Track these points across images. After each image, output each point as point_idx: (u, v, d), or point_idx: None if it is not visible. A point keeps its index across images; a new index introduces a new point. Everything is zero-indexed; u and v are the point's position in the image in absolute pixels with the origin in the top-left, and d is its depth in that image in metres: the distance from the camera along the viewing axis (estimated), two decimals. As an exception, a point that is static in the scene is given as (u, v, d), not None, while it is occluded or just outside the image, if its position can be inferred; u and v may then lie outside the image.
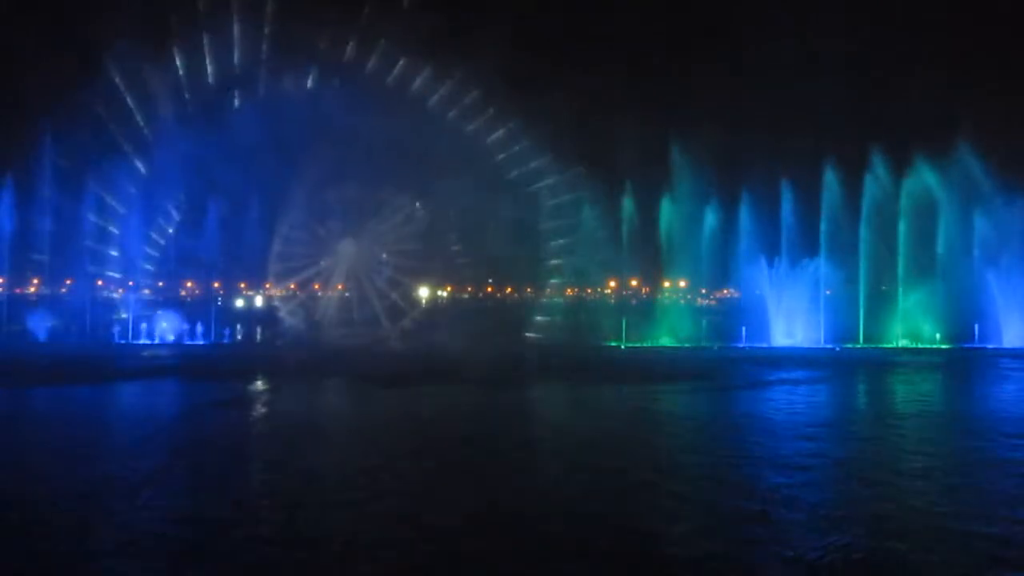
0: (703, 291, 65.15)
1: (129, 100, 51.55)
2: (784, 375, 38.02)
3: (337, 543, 13.33)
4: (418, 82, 53.63)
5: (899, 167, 54.33)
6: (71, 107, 50.26)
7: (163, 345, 51.71)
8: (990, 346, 52.36)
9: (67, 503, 15.43)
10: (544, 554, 12.83)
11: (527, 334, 53.93)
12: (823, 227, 54.74)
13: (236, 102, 53.31)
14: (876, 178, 54.40)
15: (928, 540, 13.45)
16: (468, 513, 14.95)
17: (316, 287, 57.96)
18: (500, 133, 53.66)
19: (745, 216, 55.01)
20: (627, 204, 55.24)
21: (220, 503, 15.71)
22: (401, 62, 53.24)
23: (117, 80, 50.71)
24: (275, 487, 17.26)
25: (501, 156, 53.62)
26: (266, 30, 52.15)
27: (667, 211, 55.25)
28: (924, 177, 54.18)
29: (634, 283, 63.80)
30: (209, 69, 52.29)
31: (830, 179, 54.51)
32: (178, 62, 52.19)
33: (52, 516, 14.64)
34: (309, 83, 53.69)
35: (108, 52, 49.94)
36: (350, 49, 52.87)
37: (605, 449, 21.08)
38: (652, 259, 57.08)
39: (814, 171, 54.54)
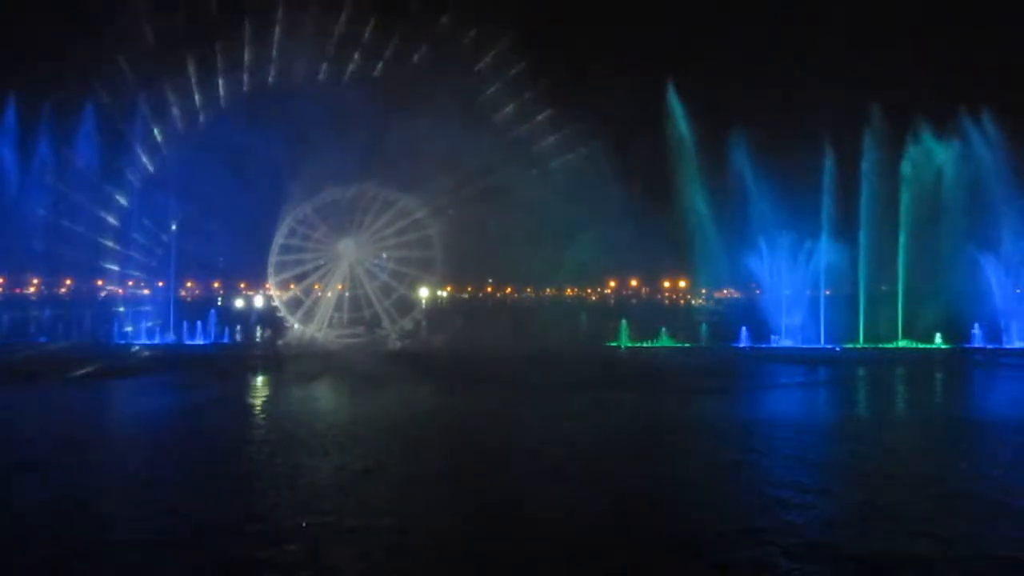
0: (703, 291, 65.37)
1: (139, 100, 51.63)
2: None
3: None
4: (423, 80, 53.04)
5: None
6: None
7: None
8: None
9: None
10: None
11: None
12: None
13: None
14: None
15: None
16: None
17: (316, 287, 57.72)
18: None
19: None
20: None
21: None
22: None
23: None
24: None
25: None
26: (269, 29, 52.04)
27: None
28: None
29: (634, 283, 63.80)
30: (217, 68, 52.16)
31: None
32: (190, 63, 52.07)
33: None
34: (308, 82, 53.42)
35: (118, 53, 49.78)
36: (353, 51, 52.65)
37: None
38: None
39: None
